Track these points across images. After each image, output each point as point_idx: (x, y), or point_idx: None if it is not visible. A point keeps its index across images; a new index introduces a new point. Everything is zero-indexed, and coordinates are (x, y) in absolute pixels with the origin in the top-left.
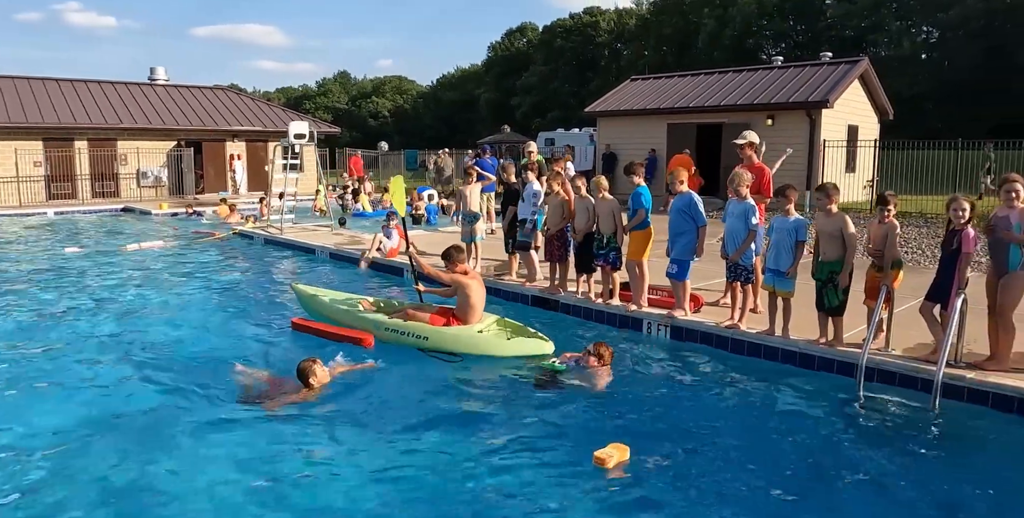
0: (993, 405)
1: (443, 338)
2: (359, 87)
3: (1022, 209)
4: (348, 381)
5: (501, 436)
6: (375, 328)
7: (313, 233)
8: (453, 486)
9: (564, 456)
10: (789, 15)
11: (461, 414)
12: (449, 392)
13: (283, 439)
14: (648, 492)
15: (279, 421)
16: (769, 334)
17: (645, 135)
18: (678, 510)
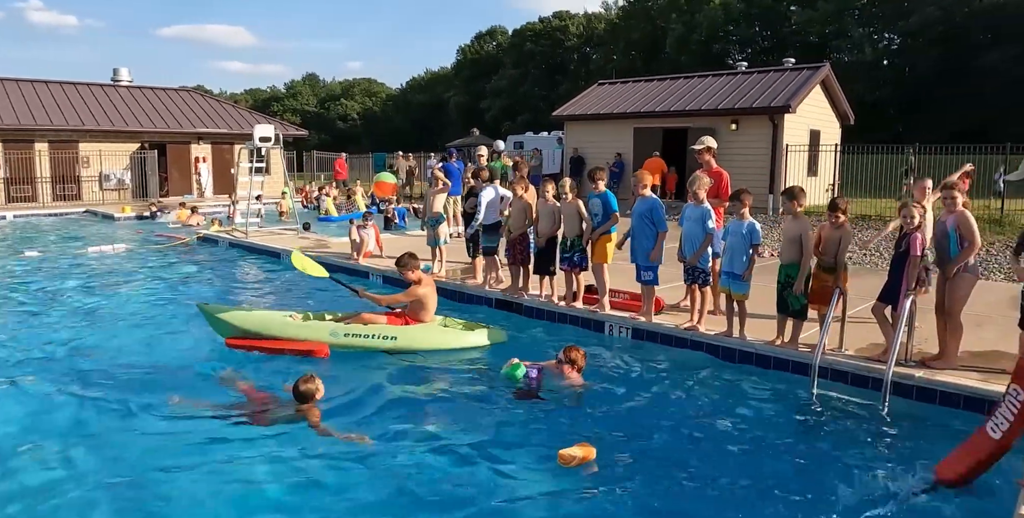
0: (940, 402)
1: (412, 336)
2: (328, 89)
3: (959, 213)
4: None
5: (480, 443)
6: (332, 337)
7: (279, 237)
8: (427, 489)
9: (540, 462)
10: (755, 21)
11: (441, 421)
12: (427, 401)
13: (270, 450)
14: (614, 490)
15: (271, 436)
16: (727, 335)
17: (612, 139)
18: (645, 507)
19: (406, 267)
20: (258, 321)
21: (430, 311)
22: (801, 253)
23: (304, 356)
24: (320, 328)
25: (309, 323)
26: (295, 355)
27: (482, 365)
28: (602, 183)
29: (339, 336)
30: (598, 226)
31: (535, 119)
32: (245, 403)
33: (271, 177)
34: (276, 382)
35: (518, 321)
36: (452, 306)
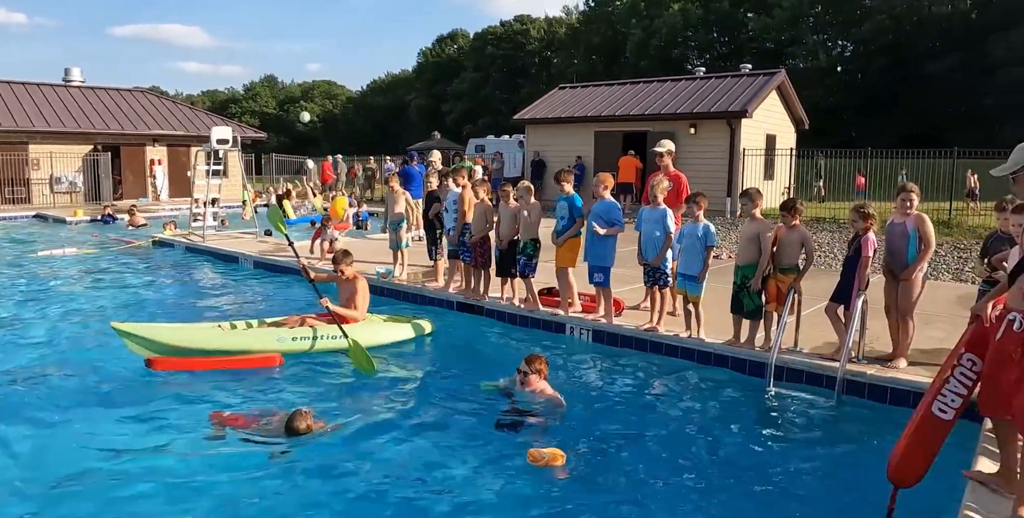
0: (892, 398)
1: (356, 334)
2: (287, 92)
3: (915, 216)
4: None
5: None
6: (279, 342)
7: (237, 241)
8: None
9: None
10: (713, 27)
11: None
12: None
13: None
14: (581, 488)
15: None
16: (682, 335)
17: (573, 142)
18: (609, 505)
19: (343, 263)
20: (189, 337)
21: (365, 309)
22: (759, 253)
23: (258, 367)
24: (263, 335)
25: (251, 331)
26: (242, 368)
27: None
28: (568, 185)
29: (286, 341)
30: (564, 229)
31: (497, 122)
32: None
33: (229, 180)
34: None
35: (480, 324)
36: (415, 309)
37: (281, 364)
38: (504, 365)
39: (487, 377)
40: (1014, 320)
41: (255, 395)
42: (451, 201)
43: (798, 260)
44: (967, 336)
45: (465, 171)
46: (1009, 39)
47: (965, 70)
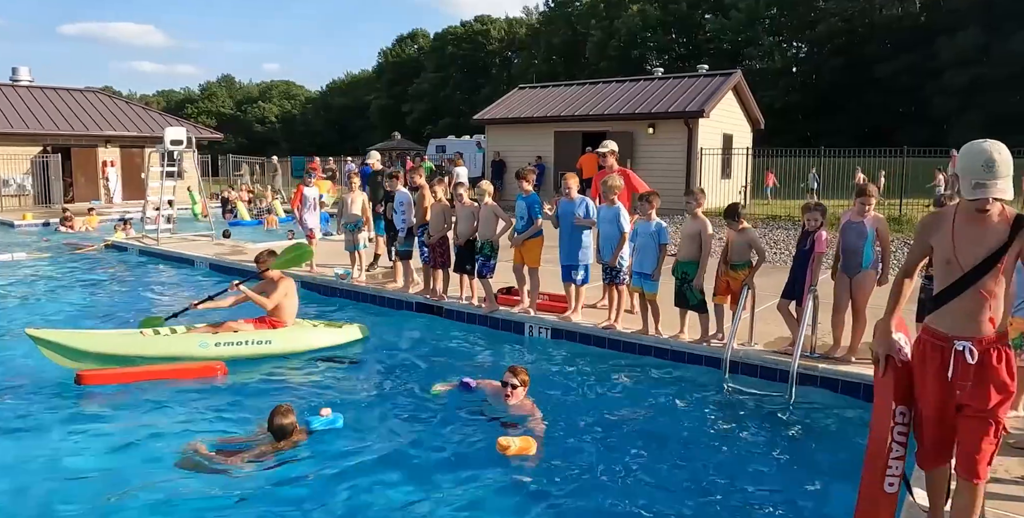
0: (842, 391)
1: (286, 338)
2: (245, 92)
3: (873, 216)
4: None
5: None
6: (201, 348)
7: (192, 244)
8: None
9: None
10: (671, 28)
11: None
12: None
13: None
14: (547, 483)
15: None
16: (643, 333)
17: (533, 143)
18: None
19: (266, 264)
20: (109, 343)
21: (293, 313)
22: (699, 250)
23: (201, 377)
24: (186, 341)
25: (173, 337)
26: (181, 378)
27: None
28: (528, 184)
29: (209, 347)
30: (523, 229)
31: (458, 123)
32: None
33: (184, 182)
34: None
35: (440, 324)
36: (374, 311)
37: (224, 373)
38: (462, 366)
39: (443, 378)
40: (964, 350)
41: (193, 411)
42: (399, 202)
43: (749, 257)
44: (891, 387)
45: (424, 171)
46: (955, 42)
47: (914, 71)
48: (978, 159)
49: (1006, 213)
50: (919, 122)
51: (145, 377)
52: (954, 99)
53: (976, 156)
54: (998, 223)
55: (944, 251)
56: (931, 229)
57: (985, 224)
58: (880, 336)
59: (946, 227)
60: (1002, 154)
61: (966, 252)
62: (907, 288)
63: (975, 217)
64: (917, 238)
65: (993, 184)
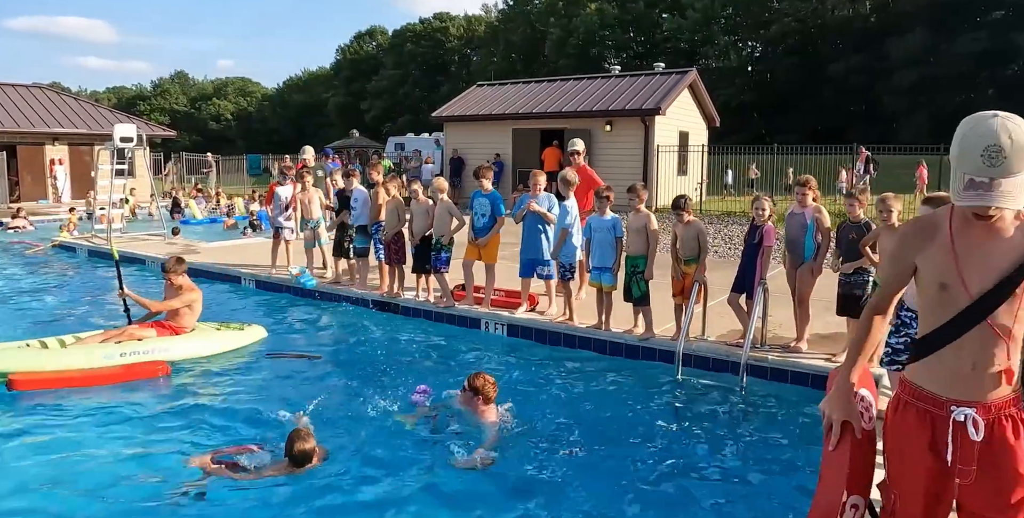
0: (792, 381)
1: (191, 343)
2: (199, 88)
3: (813, 207)
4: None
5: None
6: (107, 359)
7: (144, 243)
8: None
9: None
10: (629, 27)
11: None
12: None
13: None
14: (506, 479)
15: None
16: (597, 327)
17: (491, 140)
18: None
19: (175, 272)
20: (4, 358)
21: (196, 317)
22: (647, 243)
23: (141, 379)
24: (88, 352)
25: (71, 349)
26: (118, 382)
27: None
28: (488, 182)
29: (115, 358)
30: (485, 226)
31: (417, 120)
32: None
33: (135, 180)
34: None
35: (396, 321)
36: (330, 308)
37: (167, 373)
38: (419, 366)
39: (407, 379)
40: (966, 421)
41: (135, 418)
42: (355, 199)
43: (699, 251)
44: (843, 469)
45: (382, 167)
46: (904, 43)
47: (865, 71)
48: (979, 144)
49: (1022, 216)
50: (870, 121)
51: (84, 382)
52: (903, 98)
53: (977, 140)
54: (1014, 229)
55: (939, 272)
56: (917, 242)
57: (995, 232)
58: (836, 394)
59: (941, 238)
60: (1016, 137)
61: (972, 272)
62: (877, 329)
63: (978, 223)
64: (895, 257)
65: (997, 185)
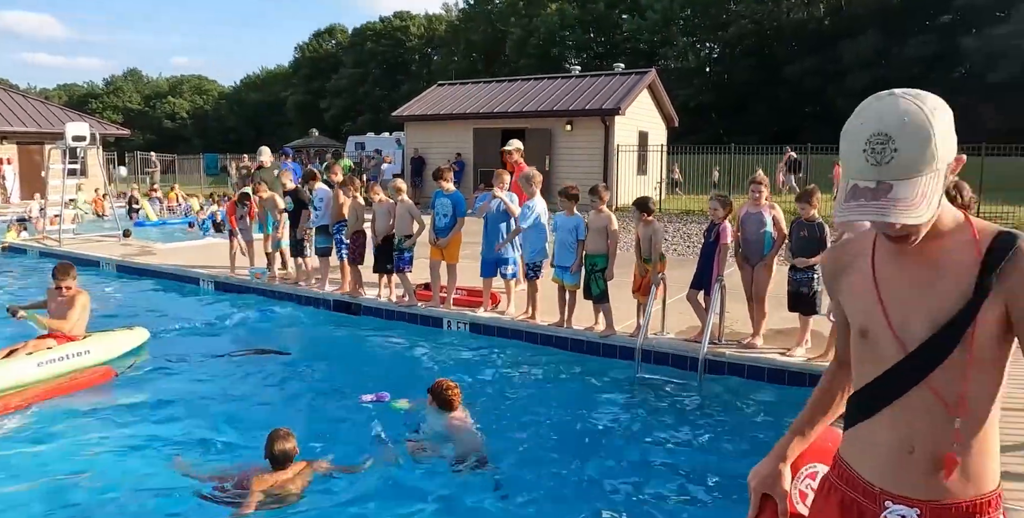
0: (748, 376)
1: (100, 347)
2: (153, 86)
3: (769, 206)
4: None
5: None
6: (39, 368)
7: (98, 245)
8: None
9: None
10: (589, 27)
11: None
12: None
13: None
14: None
15: None
16: (559, 325)
17: (452, 139)
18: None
19: (71, 279)
20: None
21: (82, 325)
22: (606, 243)
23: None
24: (18, 365)
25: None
26: (61, 394)
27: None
28: (447, 183)
29: (43, 366)
30: (447, 226)
31: (377, 119)
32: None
33: (88, 180)
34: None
35: (357, 321)
36: (291, 308)
37: (115, 375)
38: (381, 365)
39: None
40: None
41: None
42: (318, 198)
43: (659, 251)
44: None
45: (340, 167)
46: (856, 46)
47: (819, 73)
48: (862, 134)
49: (972, 231)
50: (825, 122)
51: (33, 400)
52: (856, 100)
53: (860, 129)
54: (957, 249)
55: (858, 314)
56: (836, 273)
57: (932, 260)
58: (764, 461)
59: (862, 269)
60: (913, 120)
61: (901, 315)
62: (841, 385)
63: (908, 248)
64: (831, 294)
65: (886, 190)
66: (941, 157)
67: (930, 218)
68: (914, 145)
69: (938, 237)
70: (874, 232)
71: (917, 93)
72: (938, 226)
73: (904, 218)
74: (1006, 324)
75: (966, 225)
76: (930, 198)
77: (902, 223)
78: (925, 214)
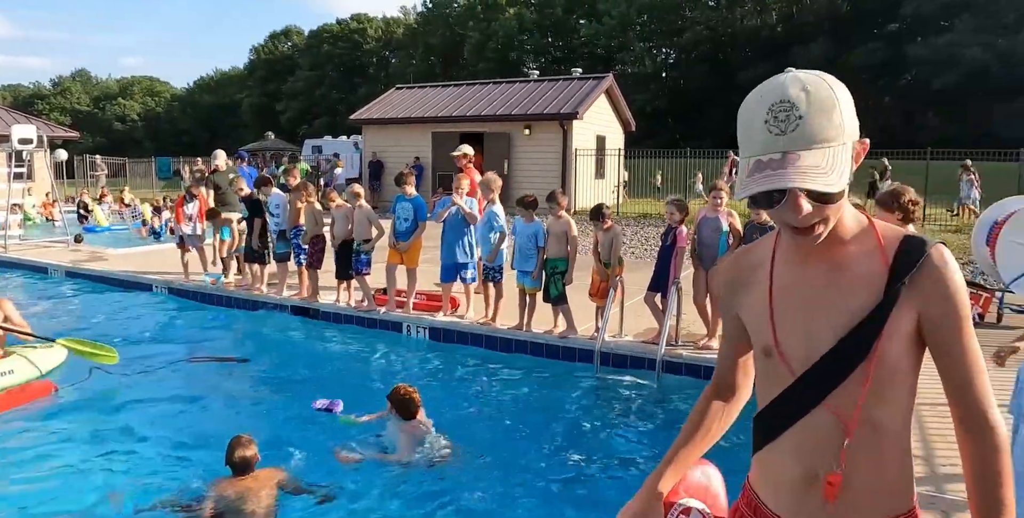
0: (704, 376)
1: (28, 363)
2: (103, 87)
3: (726, 211)
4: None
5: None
6: None
7: (46, 250)
8: None
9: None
10: (547, 32)
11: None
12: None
13: None
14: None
15: None
16: (518, 329)
17: (410, 143)
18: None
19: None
20: None
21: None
22: (566, 248)
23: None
24: None
25: None
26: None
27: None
28: (410, 187)
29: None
30: (408, 230)
31: (334, 122)
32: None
33: (35, 183)
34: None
35: (315, 326)
36: (247, 314)
37: (55, 390)
38: (339, 371)
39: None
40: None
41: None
42: (274, 205)
43: (617, 255)
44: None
45: (299, 171)
46: (808, 52)
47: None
48: (762, 107)
49: (875, 233)
50: None
51: None
52: None
53: (760, 103)
54: (862, 256)
55: (756, 330)
56: (736, 289)
57: (833, 262)
58: (634, 500)
59: (760, 280)
60: (815, 90)
61: (791, 330)
62: (715, 412)
63: (809, 250)
64: (724, 309)
65: (794, 159)
66: (848, 131)
67: (842, 190)
68: (820, 112)
69: (841, 243)
70: (773, 240)
71: (817, 71)
72: (841, 231)
73: (817, 184)
74: (916, 337)
75: (870, 230)
76: (841, 170)
77: (816, 189)
78: (837, 183)
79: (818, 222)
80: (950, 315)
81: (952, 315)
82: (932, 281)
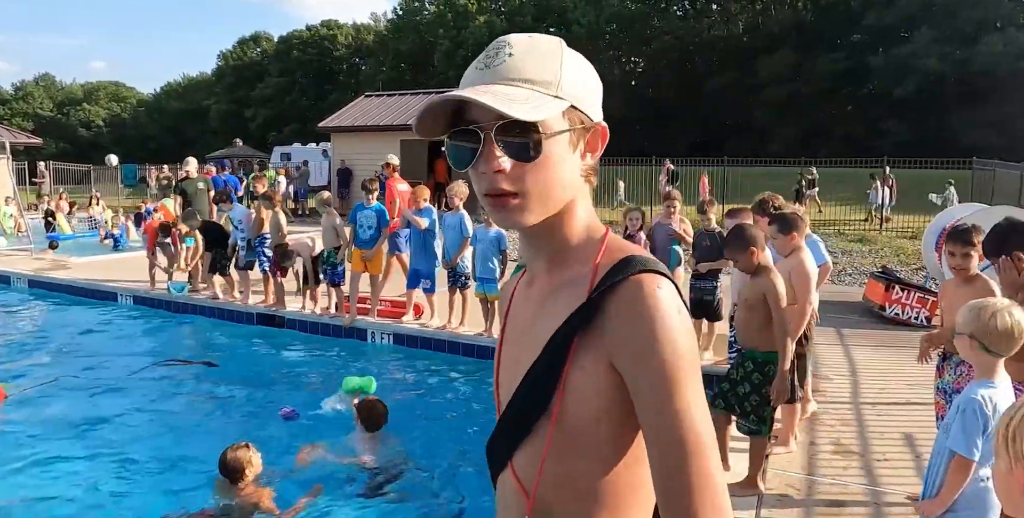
0: None
1: None
2: (67, 92)
3: (679, 219)
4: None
5: None
6: None
7: (7, 259)
8: None
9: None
10: None
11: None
12: None
13: None
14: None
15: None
16: (480, 335)
17: (379, 151)
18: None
19: None
20: None
21: None
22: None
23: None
24: None
25: None
26: None
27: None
28: (373, 196)
29: None
30: (372, 238)
31: (304, 129)
32: None
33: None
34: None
35: (281, 334)
36: (215, 323)
37: (3, 398)
38: (305, 377)
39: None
40: None
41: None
42: (237, 220)
43: None
44: None
45: (267, 180)
46: (772, 61)
47: (738, 87)
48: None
49: (597, 255)
50: (744, 134)
51: None
52: (773, 113)
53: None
54: (571, 281)
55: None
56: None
57: (551, 285)
58: None
59: (507, 295)
60: (536, 38)
61: (510, 367)
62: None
63: (535, 268)
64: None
65: (490, 86)
66: (567, 87)
67: (546, 153)
68: (536, 54)
69: (562, 261)
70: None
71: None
72: (561, 238)
73: (500, 104)
74: (617, 394)
75: (596, 246)
76: (546, 112)
77: (498, 110)
78: (530, 114)
79: (512, 193)
80: (647, 376)
81: (651, 376)
82: (620, 325)
